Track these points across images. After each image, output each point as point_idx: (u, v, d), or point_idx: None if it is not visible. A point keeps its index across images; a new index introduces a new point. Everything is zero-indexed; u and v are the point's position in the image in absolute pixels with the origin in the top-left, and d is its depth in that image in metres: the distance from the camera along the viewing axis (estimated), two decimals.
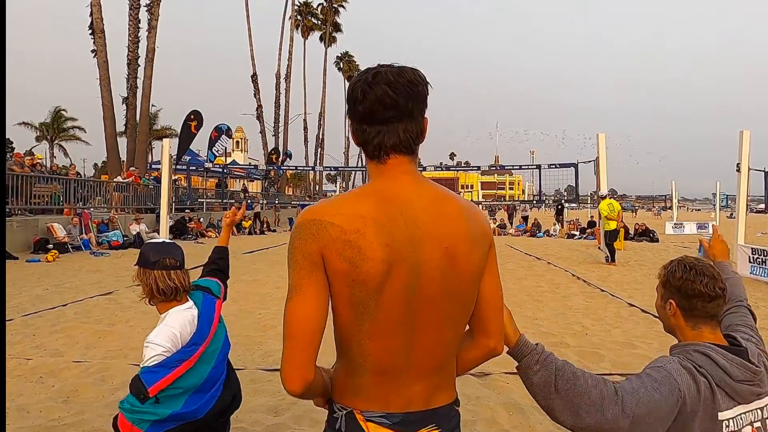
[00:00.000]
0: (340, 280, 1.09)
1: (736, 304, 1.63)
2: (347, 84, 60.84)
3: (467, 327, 1.26)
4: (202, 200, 21.95)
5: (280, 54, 42.38)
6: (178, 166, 19.77)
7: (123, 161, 24.56)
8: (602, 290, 8.38)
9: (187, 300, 1.98)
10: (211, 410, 1.94)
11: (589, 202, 30.49)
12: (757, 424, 1.34)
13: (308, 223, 1.10)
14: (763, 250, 9.62)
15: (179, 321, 1.90)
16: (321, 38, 52.00)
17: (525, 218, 26.12)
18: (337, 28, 53.04)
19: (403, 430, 1.14)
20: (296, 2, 46.22)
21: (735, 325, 1.55)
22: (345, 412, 1.18)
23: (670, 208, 38.05)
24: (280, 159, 35.85)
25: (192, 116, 22.20)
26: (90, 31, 22.81)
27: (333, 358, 1.23)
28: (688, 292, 1.39)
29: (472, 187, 61.36)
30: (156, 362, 1.79)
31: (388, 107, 1.11)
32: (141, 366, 1.81)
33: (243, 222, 22.86)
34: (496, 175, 72.26)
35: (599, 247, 13.14)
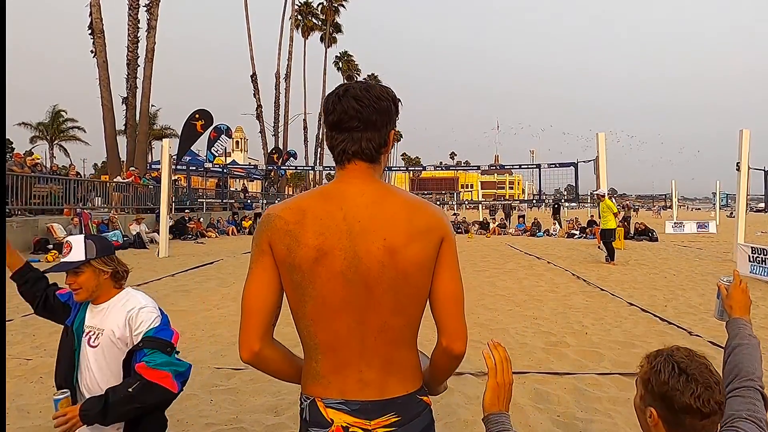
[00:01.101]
0: (283, 265, 1.23)
1: (745, 384, 1.32)
2: None
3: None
4: (201, 200, 21.93)
5: (279, 54, 42.39)
6: (178, 166, 19.75)
7: (123, 161, 24.57)
8: (602, 289, 8.38)
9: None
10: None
11: (588, 201, 30.52)
12: None
13: (263, 218, 1.28)
14: (763, 249, 9.62)
15: (142, 294, 2.07)
16: (321, 39, 51.94)
17: (521, 218, 26.12)
18: (337, 28, 52.96)
19: (363, 417, 1.21)
20: (297, 2, 46.19)
21: (737, 418, 1.24)
22: (308, 401, 1.26)
23: (670, 207, 38.08)
24: (283, 158, 35.72)
25: (197, 115, 22.09)
26: (90, 32, 22.80)
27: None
28: (675, 405, 1.11)
29: (471, 186, 61.42)
30: (159, 321, 1.94)
31: (353, 118, 1.23)
32: (146, 330, 1.91)
33: (243, 222, 22.92)
34: (496, 174, 72.28)
35: (599, 247, 13.14)
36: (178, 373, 1.90)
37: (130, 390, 1.84)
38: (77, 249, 1.96)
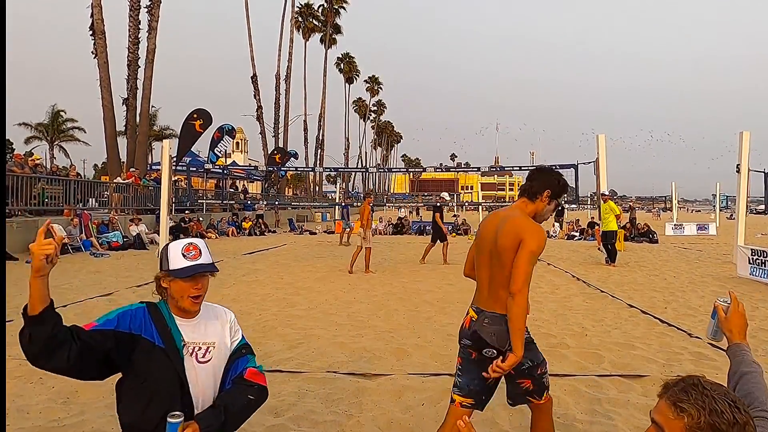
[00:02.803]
0: (476, 246, 2.57)
1: (759, 414, 1.26)
2: (347, 85, 59.82)
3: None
4: (202, 201, 21.92)
5: (279, 55, 42.44)
6: (178, 167, 19.71)
7: (123, 162, 24.55)
8: (602, 291, 8.38)
9: None
10: None
11: (589, 203, 30.46)
12: None
13: None
14: (763, 251, 9.61)
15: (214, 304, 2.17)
16: (321, 40, 51.97)
17: None
18: (337, 30, 53.02)
19: (476, 313, 2.45)
20: (297, 4, 46.25)
21: None
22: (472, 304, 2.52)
23: (670, 209, 38.03)
24: (284, 159, 35.59)
25: (195, 115, 21.93)
26: (90, 33, 22.81)
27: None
28: None
29: (471, 188, 61.29)
30: None
31: (527, 179, 2.53)
32: (240, 338, 2.06)
33: (243, 223, 22.91)
34: (496, 176, 72.18)
35: (599, 248, 13.14)
36: None
37: (251, 397, 1.86)
38: (205, 252, 1.90)
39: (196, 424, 1.69)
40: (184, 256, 1.83)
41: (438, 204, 13.67)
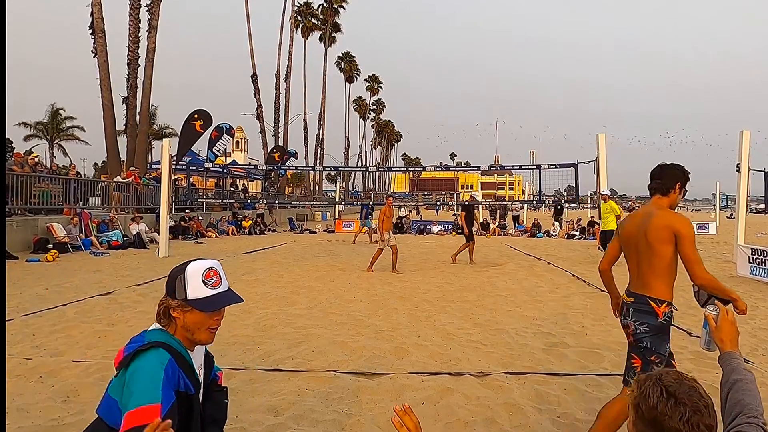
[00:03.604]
0: (620, 238, 2.90)
1: (749, 421, 1.30)
2: (348, 84, 59.85)
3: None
4: (202, 200, 21.92)
5: (279, 54, 42.42)
6: (178, 166, 19.71)
7: (123, 161, 24.56)
8: (602, 290, 8.37)
9: None
10: None
11: (589, 202, 30.42)
12: None
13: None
14: (763, 250, 9.61)
15: None
16: (321, 38, 51.96)
17: (516, 218, 26.06)
18: (336, 28, 53.02)
19: (627, 295, 2.78)
20: (296, 3, 46.23)
21: None
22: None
23: None
24: (284, 158, 35.59)
25: (196, 115, 21.97)
26: (90, 31, 22.80)
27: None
28: (664, 430, 1.10)
29: (471, 187, 61.30)
30: None
31: (653, 178, 2.81)
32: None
33: (243, 222, 22.91)
34: (496, 175, 72.19)
35: (599, 248, 13.14)
36: None
37: (226, 401, 1.87)
38: (224, 276, 1.69)
39: None
40: (205, 283, 1.61)
41: (467, 203, 13.63)
